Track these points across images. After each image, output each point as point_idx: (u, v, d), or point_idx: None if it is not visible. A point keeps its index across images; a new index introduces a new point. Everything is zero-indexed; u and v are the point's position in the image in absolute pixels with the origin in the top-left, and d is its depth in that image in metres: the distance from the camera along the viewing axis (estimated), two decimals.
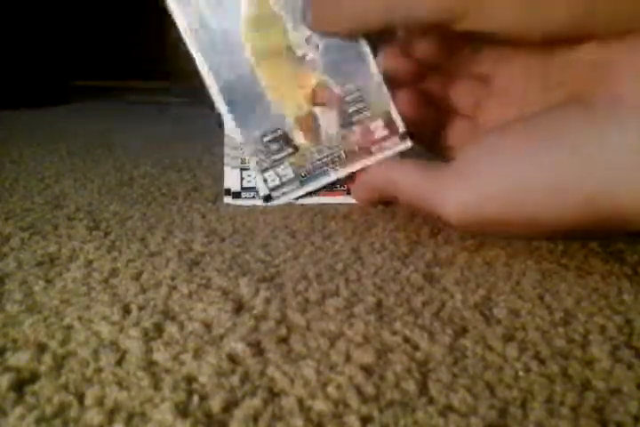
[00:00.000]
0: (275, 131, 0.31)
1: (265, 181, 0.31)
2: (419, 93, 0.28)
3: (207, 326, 0.17)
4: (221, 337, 0.17)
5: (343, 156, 0.30)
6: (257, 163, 0.31)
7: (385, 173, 0.28)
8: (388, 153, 0.30)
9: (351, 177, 0.30)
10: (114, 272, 0.21)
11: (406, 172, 0.26)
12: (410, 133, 0.30)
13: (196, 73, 0.30)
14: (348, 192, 0.31)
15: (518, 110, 0.26)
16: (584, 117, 0.21)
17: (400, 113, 0.29)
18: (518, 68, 0.26)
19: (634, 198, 0.20)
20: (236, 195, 0.31)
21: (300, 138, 0.31)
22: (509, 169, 0.22)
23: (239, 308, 0.19)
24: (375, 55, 0.29)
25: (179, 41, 0.29)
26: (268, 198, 0.31)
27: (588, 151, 0.20)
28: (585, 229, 0.22)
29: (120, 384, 0.14)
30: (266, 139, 0.31)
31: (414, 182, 0.25)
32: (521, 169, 0.22)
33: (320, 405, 0.13)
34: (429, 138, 0.30)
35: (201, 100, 0.31)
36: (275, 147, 0.31)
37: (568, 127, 0.21)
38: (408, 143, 0.30)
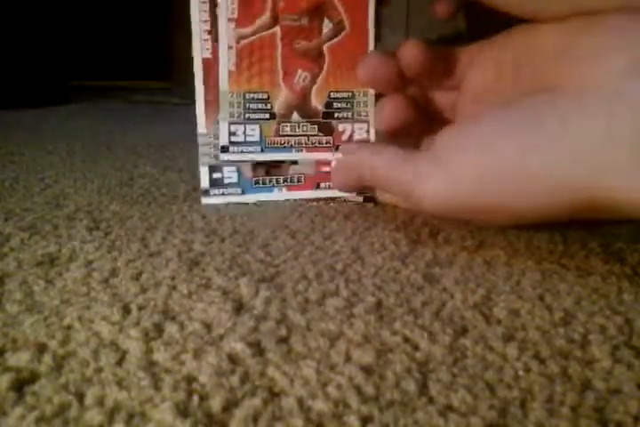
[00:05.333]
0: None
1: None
2: (404, 98, 0.29)
3: (207, 326, 0.17)
4: (221, 337, 0.17)
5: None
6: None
7: (362, 157, 0.28)
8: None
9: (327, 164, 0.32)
10: (114, 272, 0.21)
11: (383, 156, 0.26)
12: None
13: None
14: (317, 186, 0.32)
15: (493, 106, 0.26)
16: (553, 106, 0.21)
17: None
18: (489, 68, 0.26)
19: (607, 185, 0.19)
20: (205, 192, 0.31)
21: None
22: (481, 155, 0.22)
23: (239, 308, 0.19)
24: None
25: (179, 41, 0.29)
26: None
27: (556, 138, 0.20)
28: (559, 216, 0.22)
29: (120, 384, 0.14)
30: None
31: (390, 167, 0.26)
32: (492, 155, 0.22)
33: (320, 405, 0.13)
34: (412, 143, 0.31)
35: None
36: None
37: (538, 115, 0.21)
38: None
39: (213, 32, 0.30)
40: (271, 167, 0.32)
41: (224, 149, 0.31)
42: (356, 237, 0.26)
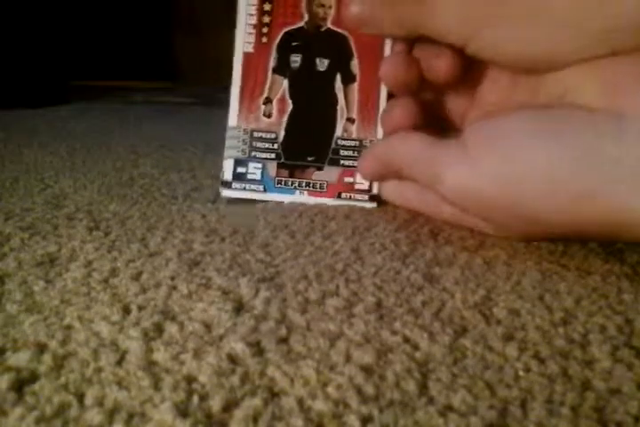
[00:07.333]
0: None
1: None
2: (415, 102, 0.28)
3: (207, 326, 0.17)
4: (221, 337, 0.17)
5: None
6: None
7: (391, 144, 0.28)
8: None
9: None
10: (114, 272, 0.21)
11: (411, 144, 0.26)
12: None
13: (197, 74, 0.30)
14: (339, 195, 0.31)
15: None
16: (588, 119, 0.21)
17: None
18: (505, 80, 0.26)
19: (632, 205, 0.19)
20: (227, 184, 0.31)
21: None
22: (510, 153, 0.22)
23: (239, 308, 0.19)
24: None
25: (182, 41, 0.29)
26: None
27: (588, 149, 0.20)
28: (576, 231, 0.22)
29: (120, 384, 0.14)
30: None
31: (417, 154, 0.26)
32: (521, 155, 0.22)
33: (320, 405, 0.13)
34: None
35: (202, 101, 0.31)
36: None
37: (572, 123, 0.21)
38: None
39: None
40: (295, 169, 0.32)
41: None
42: (356, 237, 0.26)
